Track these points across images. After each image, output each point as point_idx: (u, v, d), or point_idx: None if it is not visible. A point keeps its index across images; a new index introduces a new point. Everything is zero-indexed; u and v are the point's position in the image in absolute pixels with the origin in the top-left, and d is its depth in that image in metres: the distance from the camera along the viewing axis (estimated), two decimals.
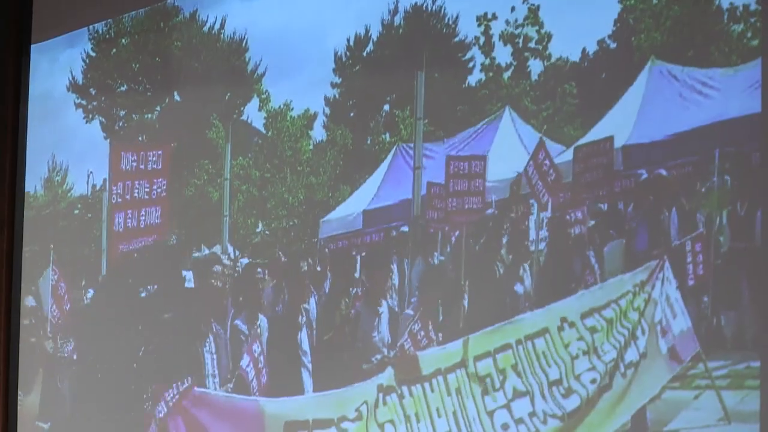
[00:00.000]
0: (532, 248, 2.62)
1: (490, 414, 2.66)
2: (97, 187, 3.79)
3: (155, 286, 3.54)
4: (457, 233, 2.78)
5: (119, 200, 3.70)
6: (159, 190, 3.60)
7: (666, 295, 2.43)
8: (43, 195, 3.95)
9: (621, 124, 2.48)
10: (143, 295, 3.57)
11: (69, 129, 3.88)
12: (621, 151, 2.49)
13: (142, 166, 3.66)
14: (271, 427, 3.11)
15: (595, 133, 2.54)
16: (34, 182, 3.97)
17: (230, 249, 3.34)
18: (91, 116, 3.82)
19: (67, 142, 3.89)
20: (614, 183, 2.50)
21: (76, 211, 3.83)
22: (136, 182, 3.66)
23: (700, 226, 2.40)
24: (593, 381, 2.52)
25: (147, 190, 3.63)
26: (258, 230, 3.28)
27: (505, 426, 2.63)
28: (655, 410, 2.44)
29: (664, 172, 2.44)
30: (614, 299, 2.50)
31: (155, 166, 3.63)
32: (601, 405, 2.52)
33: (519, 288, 2.64)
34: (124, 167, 3.70)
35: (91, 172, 3.81)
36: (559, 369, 2.56)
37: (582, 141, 2.55)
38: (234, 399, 3.24)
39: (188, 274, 3.46)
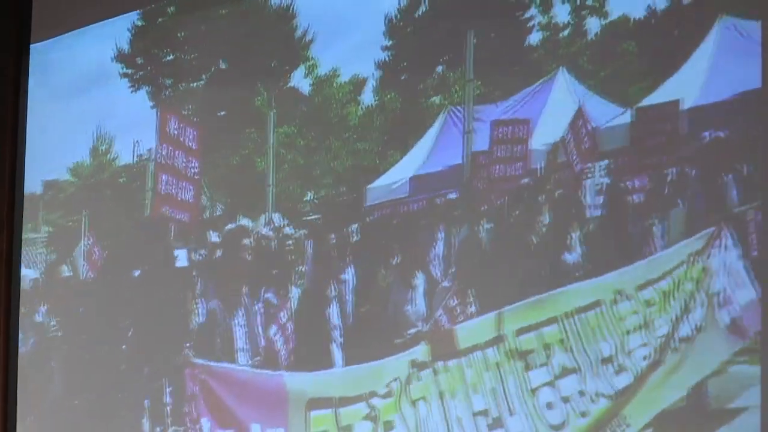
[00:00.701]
0: (587, 215, 2.42)
1: (534, 392, 2.48)
2: (143, 157, 3.68)
3: (188, 254, 3.43)
4: (500, 201, 2.61)
5: (163, 162, 3.58)
6: (193, 170, 3.48)
7: (727, 265, 2.24)
8: (89, 165, 3.85)
9: (686, 85, 2.30)
10: (177, 264, 3.45)
11: (115, 99, 3.78)
12: (686, 114, 2.30)
13: (181, 138, 3.55)
14: (294, 403, 2.95)
15: (659, 95, 2.35)
16: (81, 153, 3.89)
17: (275, 218, 3.21)
18: (137, 86, 3.71)
19: (113, 112, 3.79)
20: (676, 147, 2.31)
21: (122, 180, 3.73)
22: (177, 151, 3.55)
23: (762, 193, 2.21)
24: (645, 357, 2.34)
25: (184, 164, 3.52)
26: (305, 199, 3.13)
27: (550, 405, 2.45)
28: (717, 386, 2.26)
29: (726, 135, 2.24)
30: (670, 270, 2.31)
31: (191, 144, 3.52)
32: (652, 381, 2.33)
33: (569, 258, 2.46)
34: (169, 131, 3.59)
35: (137, 142, 3.71)
36: (610, 345, 2.38)
37: (644, 102, 2.35)
38: (256, 374, 3.09)
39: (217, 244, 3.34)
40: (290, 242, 3.12)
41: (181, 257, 3.47)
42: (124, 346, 3.57)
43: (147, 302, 3.52)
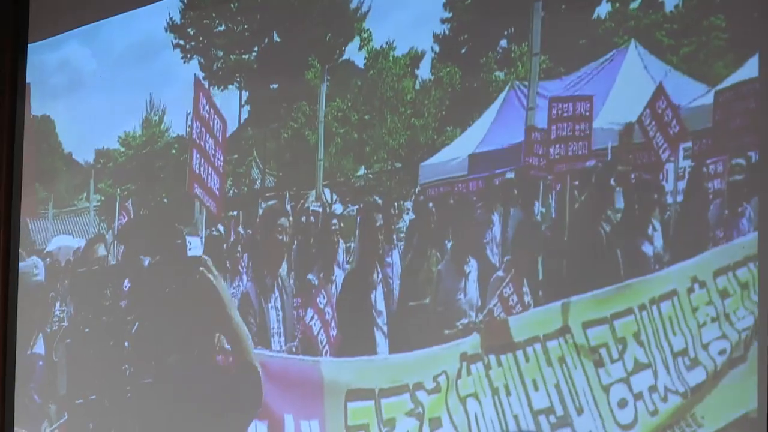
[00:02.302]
0: (668, 200, 2.14)
1: (606, 389, 2.20)
2: (194, 128, 3.47)
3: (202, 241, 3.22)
4: (564, 183, 2.33)
5: (196, 140, 3.36)
6: (219, 162, 3.28)
7: None
8: (140, 135, 3.65)
9: None
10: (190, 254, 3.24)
11: (167, 70, 3.56)
12: None
13: (211, 124, 3.34)
14: (331, 393, 2.69)
15: (743, 73, 2.06)
16: (132, 123, 3.69)
17: (324, 194, 2.96)
18: (189, 56, 3.49)
19: (166, 83, 3.57)
20: (760, 128, 2.01)
21: (173, 151, 3.52)
22: (207, 135, 3.34)
23: None
24: (722, 352, 2.05)
25: (212, 151, 3.30)
26: (357, 175, 2.89)
27: (622, 403, 2.17)
28: None
29: None
30: (751, 257, 2.02)
31: (218, 134, 3.30)
32: (728, 381, 2.04)
33: (647, 247, 2.17)
34: (202, 112, 3.37)
35: (189, 113, 3.49)
36: (684, 337, 2.09)
37: (729, 81, 2.06)
38: (290, 361, 2.85)
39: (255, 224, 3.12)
40: (335, 221, 2.88)
41: (195, 245, 3.27)
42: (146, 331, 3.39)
43: (169, 287, 3.32)
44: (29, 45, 3.83)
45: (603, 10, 2.29)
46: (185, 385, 3.21)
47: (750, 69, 2.06)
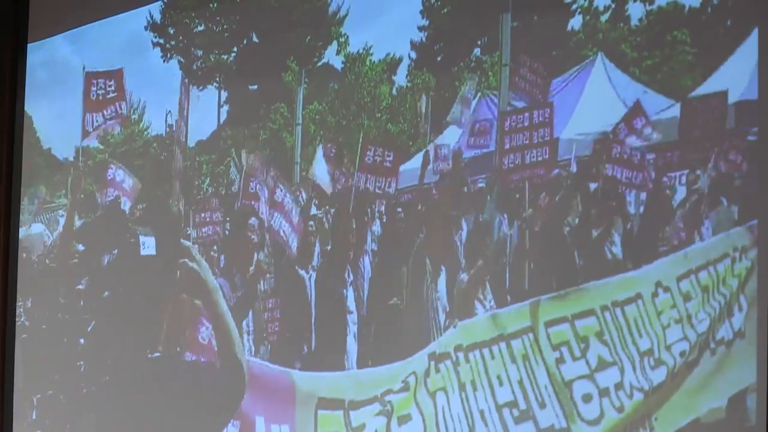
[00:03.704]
0: (629, 209, 2.25)
1: (568, 384, 2.32)
2: (174, 127, 3.55)
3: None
4: (532, 191, 2.45)
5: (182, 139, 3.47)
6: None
7: None
8: (119, 133, 3.73)
9: (736, 77, 2.11)
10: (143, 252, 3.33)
11: (147, 68, 3.64)
12: (732, 108, 2.11)
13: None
14: (302, 402, 2.81)
15: (708, 87, 2.17)
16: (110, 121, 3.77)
17: (301, 196, 3.06)
18: (169, 55, 3.57)
19: (145, 81, 3.65)
20: (724, 142, 2.13)
21: (152, 150, 3.60)
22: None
23: None
24: (682, 353, 2.16)
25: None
26: (333, 178, 2.99)
27: (587, 397, 2.29)
28: (759, 401, 2.07)
29: None
30: (712, 261, 2.14)
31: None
32: (687, 384, 2.16)
33: (606, 252, 2.29)
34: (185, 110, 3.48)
35: (169, 112, 3.58)
36: (650, 339, 2.21)
37: (692, 95, 2.17)
38: (262, 365, 2.95)
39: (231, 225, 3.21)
40: (312, 222, 2.98)
41: (149, 244, 3.36)
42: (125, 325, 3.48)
43: (150, 283, 3.41)
44: (29, 45, 3.89)
45: (577, 22, 2.40)
46: (154, 383, 3.31)
47: (715, 83, 2.18)
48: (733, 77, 2.12)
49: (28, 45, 3.88)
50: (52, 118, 3.98)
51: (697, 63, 2.18)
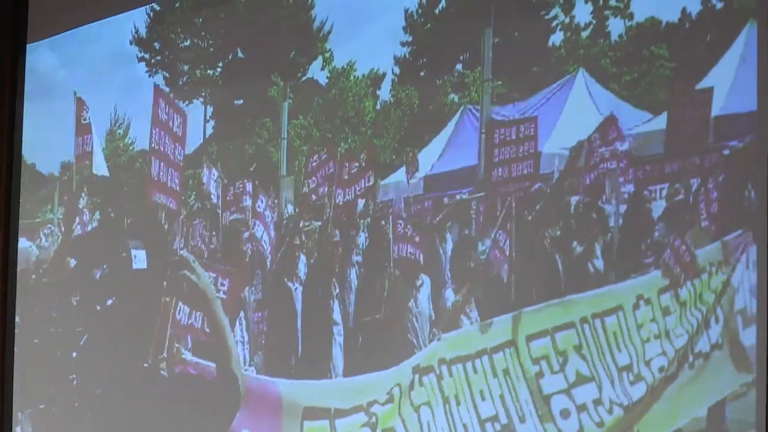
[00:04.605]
0: (609, 221, 2.32)
1: (547, 399, 2.37)
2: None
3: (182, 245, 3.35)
4: (514, 204, 2.51)
5: (156, 147, 3.50)
6: (179, 156, 3.41)
7: (751, 283, 2.12)
8: (104, 148, 3.78)
9: (716, 92, 2.17)
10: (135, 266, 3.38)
11: (132, 83, 3.69)
12: (713, 122, 2.18)
13: (170, 124, 3.48)
14: (288, 414, 2.86)
15: (687, 101, 2.23)
16: (98, 137, 3.82)
17: (286, 209, 3.12)
18: (154, 70, 3.62)
19: (131, 96, 3.70)
20: (705, 156, 2.20)
21: (138, 165, 3.65)
22: (167, 137, 3.48)
23: None
24: (662, 369, 2.22)
25: (171, 149, 3.45)
26: (319, 192, 3.04)
27: (565, 413, 2.34)
28: (737, 410, 2.13)
29: (753, 146, 2.13)
30: (690, 277, 2.20)
31: (178, 130, 3.44)
32: (666, 397, 2.22)
33: (588, 264, 2.35)
34: (161, 116, 3.51)
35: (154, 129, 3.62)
36: (629, 353, 2.27)
37: (673, 109, 2.24)
38: (250, 376, 3.00)
39: (218, 239, 3.26)
40: (299, 235, 3.03)
41: (140, 257, 3.41)
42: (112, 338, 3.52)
43: (138, 296, 3.45)
44: (29, 45, 3.92)
45: (557, 38, 2.46)
46: (147, 397, 3.35)
47: (693, 99, 2.24)
48: (714, 92, 2.19)
49: (28, 45, 3.91)
50: (37, 132, 4.02)
51: (675, 77, 2.25)
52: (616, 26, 2.36)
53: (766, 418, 2.06)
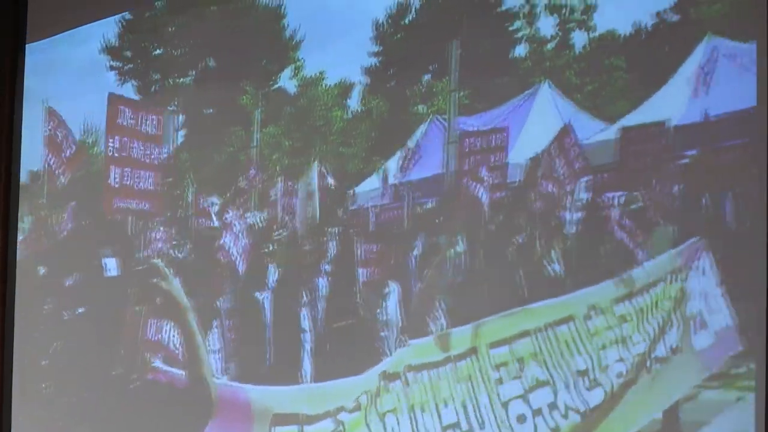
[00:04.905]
0: (567, 230, 2.40)
1: (505, 405, 2.45)
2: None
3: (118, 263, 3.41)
4: (478, 213, 2.59)
5: (115, 155, 3.55)
6: (153, 156, 3.46)
7: (703, 288, 2.22)
8: (75, 158, 3.82)
9: (671, 103, 2.26)
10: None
11: (103, 92, 3.74)
12: (671, 132, 2.27)
13: (139, 128, 3.53)
14: (258, 420, 2.93)
15: (644, 111, 2.32)
16: (67, 146, 3.86)
17: (258, 218, 3.18)
18: (124, 79, 3.68)
19: (101, 105, 3.75)
20: (661, 165, 2.28)
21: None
22: (134, 141, 3.53)
23: (749, 216, 2.17)
24: (620, 375, 2.31)
25: (141, 152, 3.51)
26: (289, 201, 3.11)
27: (521, 418, 2.42)
28: (689, 411, 2.23)
29: (708, 157, 2.21)
30: (647, 285, 2.29)
31: (152, 130, 3.48)
32: (626, 400, 2.31)
33: (546, 273, 2.43)
34: (121, 122, 3.56)
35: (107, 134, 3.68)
36: (585, 360, 2.35)
37: (630, 119, 2.32)
38: (221, 383, 3.06)
39: (188, 247, 3.31)
40: (270, 244, 3.10)
41: (111, 266, 3.46)
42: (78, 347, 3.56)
43: (109, 304, 3.50)
44: (28, 45, 3.94)
45: (521, 50, 2.55)
46: (119, 405, 3.40)
47: (652, 107, 2.33)
48: (670, 102, 2.27)
49: (28, 45, 3.93)
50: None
51: (632, 88, 2.34)
52: (579, 38, 2.45)
53: (766, 418, 2.12)
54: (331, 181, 2.98)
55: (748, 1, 2.17)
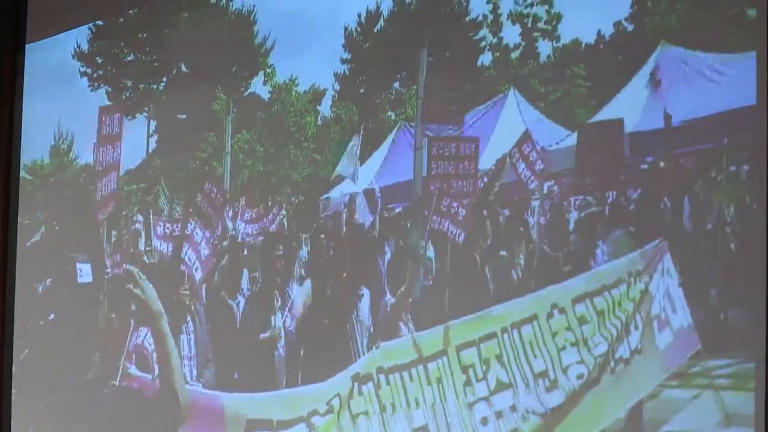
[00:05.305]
0: (532, 234, 2.50)
1: (470, 406, 2.56)
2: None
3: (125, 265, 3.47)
4: (447, 218, 2.69)
5: (99, 168, 3.67)
6: (116, 155, 3.58)
7: (665, 289, 2.32)
8: (48, 164, 3.88)
9: (629, 110, 2.37)
10: (116, 272, 3.49)
11: (75, 98, 3.81)
12: (629, 137, 2.38)
13: (109, 130, 3.63)
14: (231, 426, 3.01)
15: (602, 118, 2.43)
16: (40, 151, 3.92)
17: (230, 224, 3.26)
18: (96, 85, 3.75)
19: (74, 111, 3.82)
20: (620, 169, 2.39)
21: (82, 180, 3.77)
22: (111, 147, 3.64)
23: (706, 218, 2.28)
24: (580, 376, 2.41)
25: (118, 156, 3.61)
26: (262, 206, 3.19)
27: (484, 420, 2.52)
28: (652, 409, 2.34)
29: (667, 162, 2.33)
30: (608, 286, 2.39)
31: (115, 130, 3.59)
32: (587, 401, 2.41)
33: (513, 275, 2.54)
34: (103, 132, 3.67)
35: (95, 143, 3.74)
36: (545, 360, 2.45)
37: (588, 126, 2.43)
38: (195, 389, 3.14)
39: (161, 253, 3.38)
40: (243, 249, 3.18)
41: (86, 271, 3.52)
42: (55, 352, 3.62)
43: (83, 310, 3.56)
44: (28, 45, 3.97)
45: (486, 58, 2.65)
46: (91, 411, 3.47)
47: (609, 114, 2.43)
48: (627, 108, 2.38)
49: (28, 45, 3.96)
50: None
51: (590, 95, 2.45)
52: (544, 48, 2.55)
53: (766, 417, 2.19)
54: (302, 185, 3.07)
55: (700, 13, 2.28)
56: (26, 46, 3.96)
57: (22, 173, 3.95)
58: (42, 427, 3.67)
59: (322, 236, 2.96)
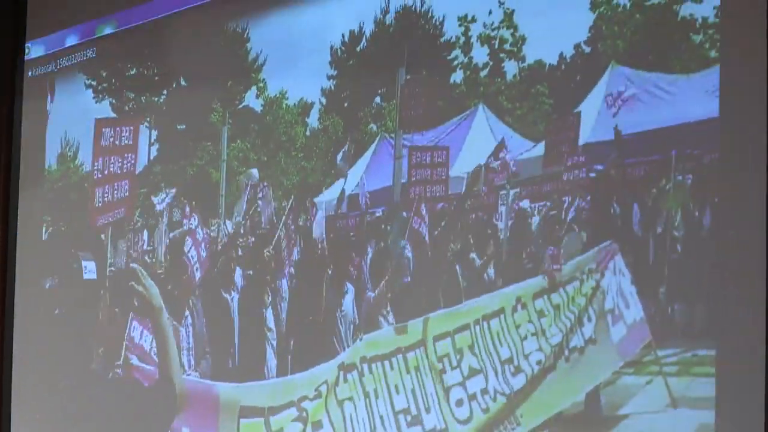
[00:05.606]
0: (500, 236, 2.79)
1: (447, 390, 2.83)
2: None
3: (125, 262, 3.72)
4: (421, 221, 2.96)
5: (99, 176, 3.89)
6: (128, 164, 3.78)
7: (618, 286, 2.59)
8: (56, 170, 4.12)
9: (584, 124, 2.65)
10: (110, 270, 3.74)
11: (82, 107, 4.03)
12: (581, 149, 2.65)
13: (117, 142, 3.83)
14: (225, 412, 3.27)
15: (562, 130, 2.71)
16: (49, 158, 4.14)
17: (225, 226, 3.52)
18: (101, 96, 3.97)
19: (80, 120, 4.04)
20: (575, 178, 2.66)
21: (87, 186, 4.00)
22: (112, 157, 3.84)
23: (656, 222, 2.55)
24: (539, 362, 2.68)
25: (119, 164, 3.82)
26: (255, 210, 3.45)
27: (459, 402, 2.80)
28: (608, 394, 2.59)
29: (616, 170, 2.60)
30: (563, 283, 2.66)
31: (127, 141, 3.79)
32: (546, 384, 2.67)
33: (483, 273, 2.82)
34: (104, 143, 3.86)
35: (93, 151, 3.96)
36: (510, 349, 2.72)
37: (549, 139, 2.71)
38: (190, 379, 3.39)
39: (162, 252, 3.64)
40: (237, 249, 3.44)
41: (90, 268, 3.75)
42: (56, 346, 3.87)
43: (87, 305, 3.80)
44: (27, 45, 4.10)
45: (458, 76, 2.93)
46: (90, 402, 3.73)
47: (564, 124, 2.71)
48: (582, 123, 2.66)
49: (27, 45, 4.09)
50: None
51: (552, 111, 2.73)
52: (510, 67, 2.83)
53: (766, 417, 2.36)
54: (293, 191, 3.34)
55: (645, 38, 2.56)
56: (26, 46, 4.09)
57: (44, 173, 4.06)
58: (44, 415, 3.92)
59: (312, 237, 3.24)
